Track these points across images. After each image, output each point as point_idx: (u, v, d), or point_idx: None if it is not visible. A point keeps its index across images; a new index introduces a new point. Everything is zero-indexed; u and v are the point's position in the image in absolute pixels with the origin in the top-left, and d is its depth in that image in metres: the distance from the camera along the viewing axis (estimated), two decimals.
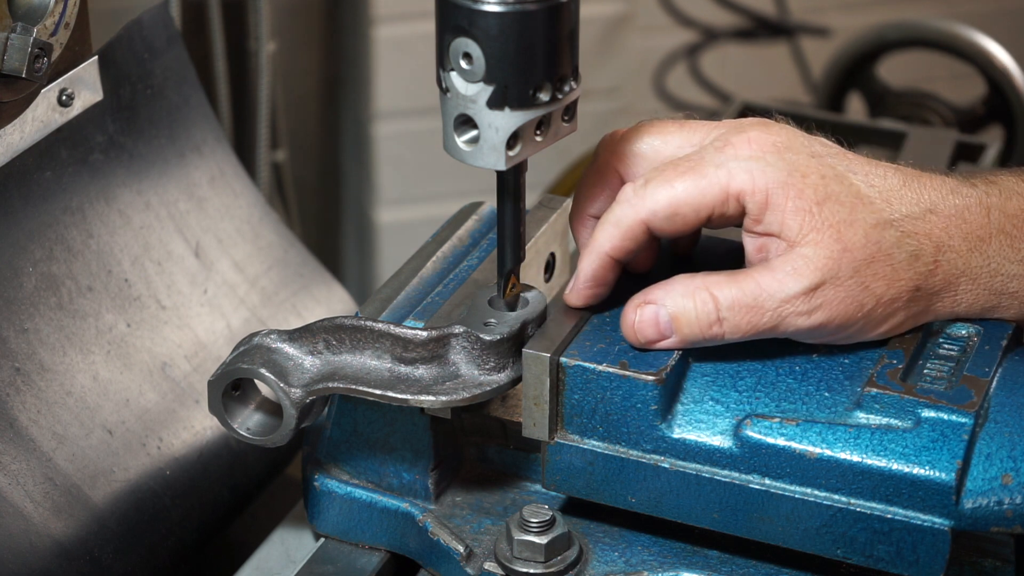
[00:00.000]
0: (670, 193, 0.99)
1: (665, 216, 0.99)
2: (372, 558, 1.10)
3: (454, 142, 0.97)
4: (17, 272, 1.13)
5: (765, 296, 0.98)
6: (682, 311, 0.99)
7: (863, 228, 0.98)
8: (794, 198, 0.97)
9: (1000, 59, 1.89)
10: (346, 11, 2.63)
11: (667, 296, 0.99)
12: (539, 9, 0.93)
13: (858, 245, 0.97)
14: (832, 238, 0.97)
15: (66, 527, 1.09)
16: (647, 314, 0.99)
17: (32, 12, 1.08)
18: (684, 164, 1.00)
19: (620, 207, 1.00)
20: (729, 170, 0.98)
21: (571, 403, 1.01)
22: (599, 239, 1.01)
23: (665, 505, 1.01)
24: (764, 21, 2.65)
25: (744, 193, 0.98)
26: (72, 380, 1.14)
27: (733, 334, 0.99)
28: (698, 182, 0.98)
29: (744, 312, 0.98)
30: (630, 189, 1.00)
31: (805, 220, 0.97)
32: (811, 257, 0.97)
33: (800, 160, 0.99)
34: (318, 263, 1.37)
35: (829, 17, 2.67)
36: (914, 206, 1.00)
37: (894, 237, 0.98)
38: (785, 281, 0.97)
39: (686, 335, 0.99)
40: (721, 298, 0.98)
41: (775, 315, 0.98)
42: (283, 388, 1.01)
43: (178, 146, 1.27)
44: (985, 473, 0.96)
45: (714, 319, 0.98)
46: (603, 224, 1.01)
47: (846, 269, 0.97)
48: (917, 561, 0.97)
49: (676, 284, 1.00)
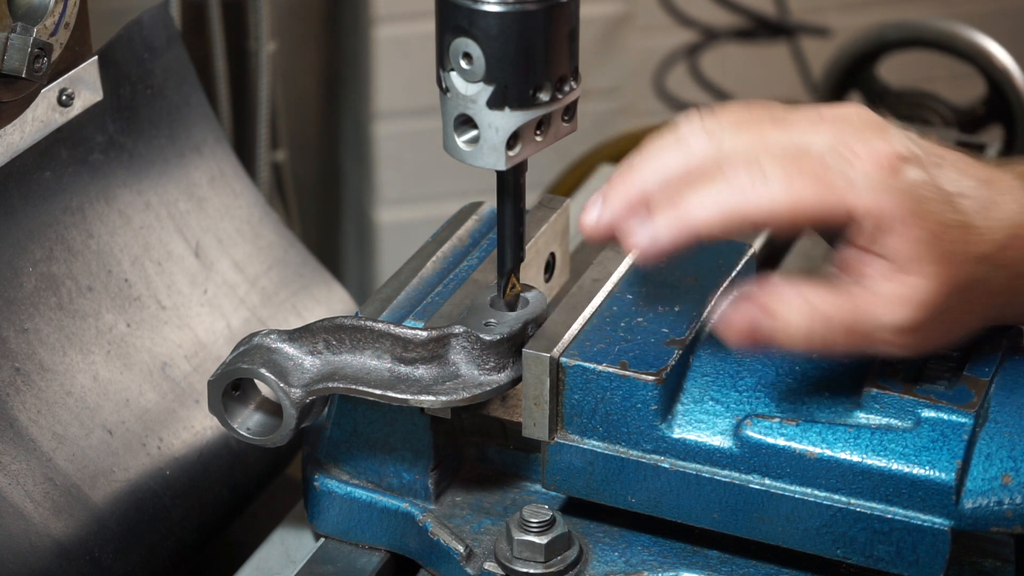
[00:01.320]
0: (791, 195, 0.92)
1: (783, 218, 0.93)
2: (372, 558, 1.10)
3: (454, 142, 0.97)
4: (17, 272, 1.13)
5: (867, 319, 0.93)
6: (784, 321, 0.93)
7: (970, 264, 0.94)
8: (913, 226, 0.92)
9: (1000, 59, 1.89)
10: (346, 11, 2.63)
11: (770, 303, 0.94)
12: (539, 9, 0.93)
13: (964, 283, 0.94)
14: (944, 272, 0.93)
15: (66, 527, 1.09)
16: (749, 318, 0.94)
17: (32, 12, 1.08)
18: (807, 164, 0.92)
19: (730, 193, 0.92)
20: (854, 184, 0.92)
21: (571, 403, 1.01)
22: (693, 210, 0.93)
23: (665, 505, 1.01)
24: (764, 21, 2.65)
25: (865, 213, 0.92)
26: (72, 380, 1.14)
27: (828, 347, 0.95)
28: (820, 190, 0.92)
29: (842, 332, 0.93)
30: (746, 179, 0.92)
31: (922, 250, 0.92)
32: (920, 288, 0.92)
33: (923, 181, 0.93)
34: (318, 263, 1.37)
35: (829, 17, 2.67)
36: (1005, 230, 0.95)
37: (991, 271, 0.95)
38: (891, 309, 0.93)
39: (782, 341, 0.94)
40: (826, 313, 0.93)
41: (871, 340, 0.94)
42: (283, 388, 1.01)
43: (178, 146, 1.27)
44: (985, 473, 0.96)
45: (817, 336, 0.93)
46: (702, 199, 0.93)
47: (951, 305, 0.94)
48: (917, 561, 0.97)
49: (781, 291, 0.94)
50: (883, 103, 1.99)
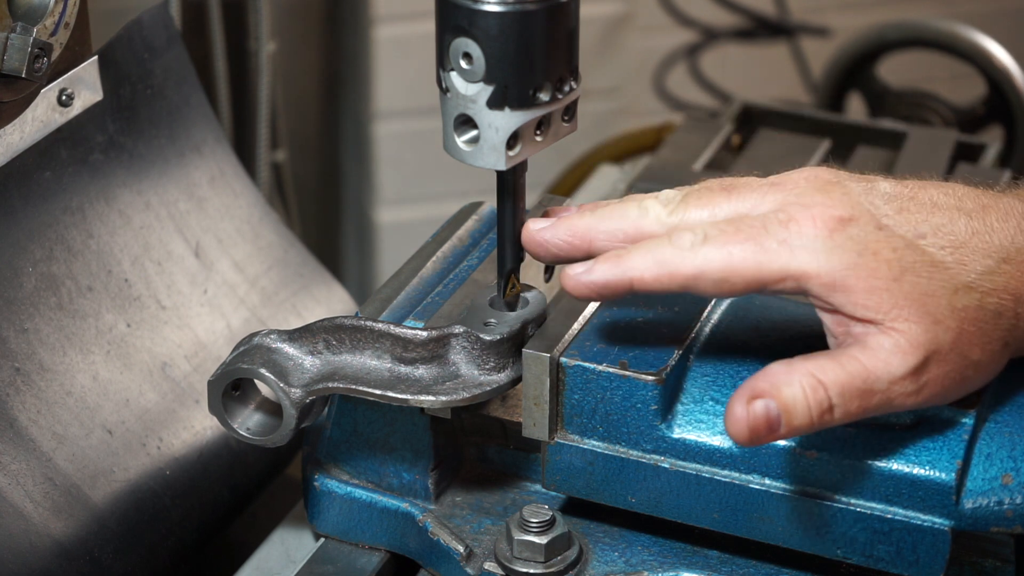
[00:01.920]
0: (726, 261, 0.93)
1: (713, 280, 0.94)
2: (372, 558, 1.10)
3: (454, 142, 0.97)
4: (17, 272, 1.13)
5: (873, 378, 0.92)
6: (792, 402, 0.92)
7: (945, 297, 0.92)
8: (867, 277, 0.92)
9: (1000, 59, 1.89)
10: (346, 11, 2.63)
11: (774, 388, 0.92)
12: (539, 9, 0.93)
13: (946, 315, 0.92)
14: (920, 312, 0.92)
15: (66, 527, 1.09)
16: (758, 410, 0.92)
17: (32, 12, 1.08)
18: (747, 231, 0.94)
19: (670, 248, 0.95)
20: (792, 249, 0.92)
21: (571, 403, 1.01)
22: (632, 261, 0.95)
23: (665, 505, 1.01)
24: (764, 21, 2.65)
25: (806, 276, 0.92)
26: (72, 380, 1.14)
27: (844, 419, 0.93)
28: (758, 255, 0.93)
29: (855, 396, 0.92)
30: (688, 239, 0.94)
31: (885, 299, 0.91)
32: (910, 334, 0.92)
33: (869, 235, 0.93)
34: (318, 263, 1.37)
35: (829, 17, 2.67)
36: (987, 259, 0.94)
37: (976, 300, 0.93)
38: (891, 361, 0.92)
39: (796, 426, 0.92)
40: (830, 384, 0.92)
41: (884, 397, 0.92)
42: (283, 388, 1.01)
43: (178, 146, 1.27)
44: (985, 473, 0.96)
45: (826, 407, 0.92)
46: (643, 253, 0.95)
47: (945, 342, 0.92)
48: (917, 561, 0.97)
49: (779, 373, 0.93)
50: (883, 103, 1.99)
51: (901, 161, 1.57)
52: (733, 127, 1.70)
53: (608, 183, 1.64)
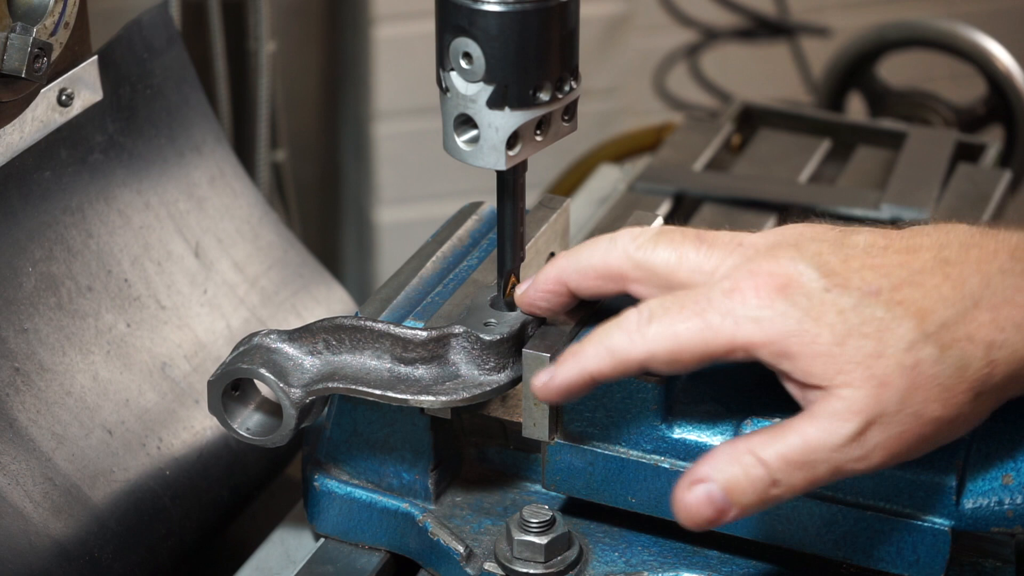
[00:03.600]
0: (673, 340, 0.92)
1: (665, 360, 0.93)
2: (372, 558, 1.10)
3: (454, 142, 0.97)
4: (17, 272, 1.13)
5: (813, 449, 0.90)
6: (734, 482, 0.91)
7: (895, 357, 0.89)
8: (809, 344, 0.90)
9: (1000, 59, 1.89)
10: (346, 11, 2.63)
11: (714, 470, 0.91)
12: (539, 9, 0.93)
13: (894, 375, 0.89)
14: (864, 376, 0.89)
15: (66, 527, 1.09)
16: (699, 494, 0.91)
17: (32, 12, 1.08)
18: (691, 307, 0.92)
19: (620, 335, 0.94)
20: (736, 321, 0.91)
21: (571, 403, 1.01)
22: (587, 355, 0.95)
23: (665, 505, 1.01)
24: (764, 21, 2.65)
25: (753, 345, 0.91)
26: (72, 380, 1.14)
27: (792, 493, 0.91)
28: (703, 332, 0.92)
29: (796, 469, 0.90)
30: (634, 320, 0.93)
31: (828, 363, 0.89)
32: (849, 399, 0.89)
33: (813, 300, 0.91)
34: (318, 263, 1.37)
35: (829, 17, 2.67)
36: (953, 307, 0.90)
37: (933, 355, 0.89)
38: (831, 429, 0.90)
39: (745, 505, 0.91)
40: (769, 459, 0.90)
41: (830, 466, 0.90)
42: (283, 388, 1.01)
43: (178, 146, 1.27)
44: (985, 473, 0.96)
45: (768, 483, 0.90)
46: (596, 343, 0.94)
47: (890, 403, 0.89)
48: (917, 561, 0.96)
49: (720, 455, 0.92)
50: (883, 103, 1.99)
51: (901, 161, 1.57)
52: (733, 127, 1.70)
53: (608, 183, 1.64)
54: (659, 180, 1.55)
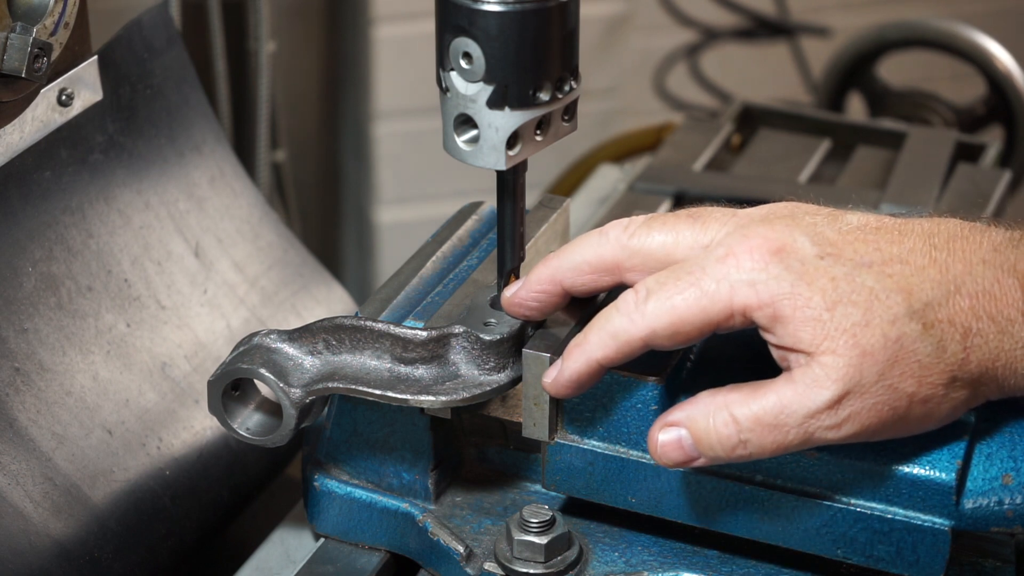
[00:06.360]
0: (671, 313, 0.93)
1: (667, 335, 0.94)
2: (372, 558, 1.10)
3: (454, 142, 0.97)
4: (17, 272, 1.13)
5: (787, 413, 0.91)
6: (704, 435, 0.93)
7: (880, 327, 0.90)
8: (802, 307, 0.91)
9: (1000, 59, 1.89)
10: (346, 11, 2.63)
11: (688, 419, 0.94)
12: (539, 9, 0.93)
13: (877, 347, 0.90)
14: (848, 344, 0.90)
15: (66, 527, 1.09)
16: (670, 437, 0.95)
17: (32, 12, 1.08)
18: (686, 277, 0.93)
19: (619, 318, 0.95)
20: (731, 285, 0.92)
21: (571, 403, 1.01)
22: (591, 343, 0.96)
23: (665, 505, 1.01)
24: (764, 21, 2.65)
25: (750, 308, 0.92)
26: (72, 380, 1.14)
27: (761, 454, 0.93)
28: (700, 300, 0.93)
29: (767, 431, 0.92)
30: (631, 300, 0.94)
31: (816, 329, 0.91)
32: (830, 366, 0.90)
33: (807, 265, 0.92)
34: (318, 263, 1.37)
35: (829, 17, 2.67)
36: (937, 288, 0.92)
37: (916, 331, 0.91)
38: (807, 395, 0.91)
39: (712, 457, 0.94)
40: (741, 418, 0.92)
41: (801, 431, 0.92)
42: (283, 388, 1.01)
43: (178, 146, 1.27)
44: (985, 473, 0.96)
45: (736, 441, 0.93)
46: (598, 330, 0.95)
47: (869, 375, 0.90)
48: (917, 561, 0.96)
49: (698, 403, 0.94)
50: (883, 103, 1.99)
51: (901, 161, 1.57)
52: (733, 127, 1.70)
53: (608, 183, 1.64)
54: (659, 180, 1.55)
